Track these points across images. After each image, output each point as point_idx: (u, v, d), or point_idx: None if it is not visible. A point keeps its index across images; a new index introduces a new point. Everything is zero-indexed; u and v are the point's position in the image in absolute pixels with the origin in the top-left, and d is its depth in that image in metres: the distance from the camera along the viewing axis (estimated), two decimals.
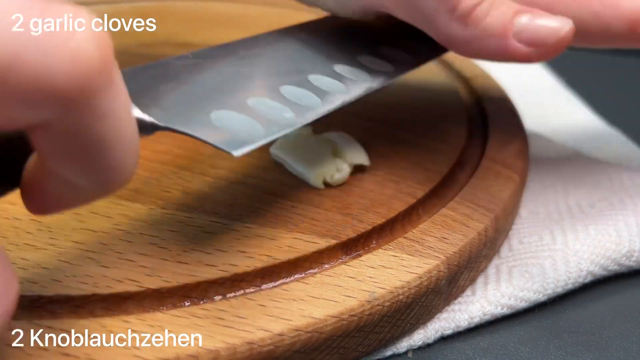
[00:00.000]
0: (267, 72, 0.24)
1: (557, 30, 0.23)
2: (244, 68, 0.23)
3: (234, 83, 0.22)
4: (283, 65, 0.25)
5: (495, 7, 0.23)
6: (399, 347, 0.23)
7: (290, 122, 0.21)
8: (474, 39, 0.24)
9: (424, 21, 0.24)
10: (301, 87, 0.23)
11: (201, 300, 0.20)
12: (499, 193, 0.27)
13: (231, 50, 0.24)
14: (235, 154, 0.18)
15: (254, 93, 0.22)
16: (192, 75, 0.22)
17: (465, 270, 0.24)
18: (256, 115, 0.20)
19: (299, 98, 0.23)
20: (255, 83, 0.23)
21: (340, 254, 0.23)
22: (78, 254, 0.21)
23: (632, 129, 0.39)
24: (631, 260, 0.26)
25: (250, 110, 0.21)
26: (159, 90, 0.20)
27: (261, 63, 0.25)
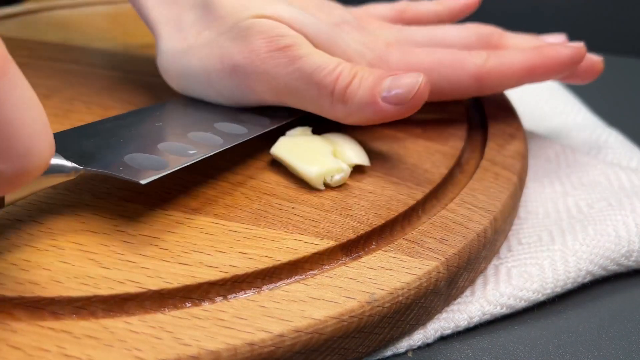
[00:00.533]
0: (177, 125, 0.28)
1: (413, 85, 0.26)
2: (157, 123, 0.27)
3: (147, 134, 0.26)
4: (191, 119, 0.28)
5: (364, 79, 0.27)
6: (399, 347, 0.23)
7: (194, 156, 0.24)
8: (354, 112, 0.27)
9: (313, 107, 0.28)
10: (207, 131, 0.27)
11: (202, 301, 0.20)
12: (498, 194, 0.27)
13: (148, 112, 0.29)
14: (142, 182, 0.21)
15: (164, 140, 0.25)
16: (112, 131, 0.26)
17: (465, 272, 0.24)
18: (163, 154, 0.24)
19: (204, 139, 0.26)
20: (167, 132, 0.26)
21: (341, 255, 0.23)
22: (79, 255, 0.21)
23: (631, 129, 0.39)
24: (630, 260, 0.27)
25: (159, 151, 0.24)
26: (82, 144, 0.24)
27: (173, 119, 0.29)
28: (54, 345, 0.18)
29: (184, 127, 0.27)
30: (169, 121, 0.28)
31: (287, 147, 0.27)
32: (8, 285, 0.20)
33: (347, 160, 0.27)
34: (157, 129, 0.27)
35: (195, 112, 0.29)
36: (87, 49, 0.41)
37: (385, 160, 0.28)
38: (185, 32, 0.29)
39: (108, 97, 0.34)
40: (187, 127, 0.27)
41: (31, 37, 0.42)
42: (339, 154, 0.27)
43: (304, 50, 0.27)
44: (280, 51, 0.27)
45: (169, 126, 0.28)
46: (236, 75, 0.28)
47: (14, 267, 0.21)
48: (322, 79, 0.27)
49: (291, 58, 0.27)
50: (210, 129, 0.27)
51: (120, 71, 0.37)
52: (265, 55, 0.27)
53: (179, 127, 0.27)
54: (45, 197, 0.24)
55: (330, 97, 0.27)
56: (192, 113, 0.29)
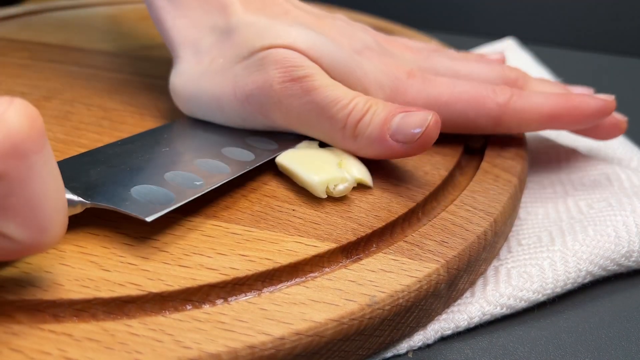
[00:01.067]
0: (184, 150, 0.28)
1: (422, 124, 0.25)
2: (164, 148, 0.27)
3: (155, 161, 0.26)
4: (198, 142, 0.28)
5: (376, 115, 0.26)
6: (399, 349, 0.23)
7: (200, 188, 0.24)
8: (364, 147, 0.27)
9: (325, 138, 0.28)
10: (214, 158, 0.26)
11: (203, 303, 0.20)
12: (498, 196, 0.27)
13: (155, 135, 0.29)
14: (148, 219, 0.21)
15: (171, 168, 0.25)
16: (120, 158, 0.26)
17: (465, 274, 0.24)
18: (170, 186, 0.24)
19: (211, 168, 0.26)
20: (174, 159, 0.26)
21: (341, 257, 0.23)
22: (80, 258, 0.21)
23: (631, 129, 0.39)
24: (630, 260, 0.27)
25: (166, 182, 0.24)
26: (89, 174, 0.24)
27: (180, 143, 0.29)
28: (54, 348, 0.18)
29: (191, 153, 0.27)
30: (176, 146, 0.28)
31: (293, 158, 0.27)
32: (9, 288, 0.20)
33: (352, 173, 0.26)
34: (165, 155, 0.27)
35: (202, 134, 0.29)
36: (87, 50, 0.41)
37: (385, 162, 0.28)
38: (201, 55, 0.29)
39: (109, 98, 0.34)
40: (195, 153, 0.27)
41: (31, 39, 0.43)
42: (344, 166, 0.27)
43: (319, 82, 0.27)
44: (295, 82, 0.27)
45: (176, 152, 0.27)
46: (248, 104, 0.28)
47: (15, 269, 0.21)
48: (335, 113, 0.27)
49: (305, 89, 0.27)
50: (217, 155, 0.27)
51: (121, 73, 0.37)
52: (279, 86, 0.27)
53: (186, 152, 0.27)
54: None
55: (342, 131, 0.27)
56: (199, 135, 0.29)
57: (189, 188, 0.24)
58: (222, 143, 0.28)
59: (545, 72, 0.48)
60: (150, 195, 0.23)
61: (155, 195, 0.23)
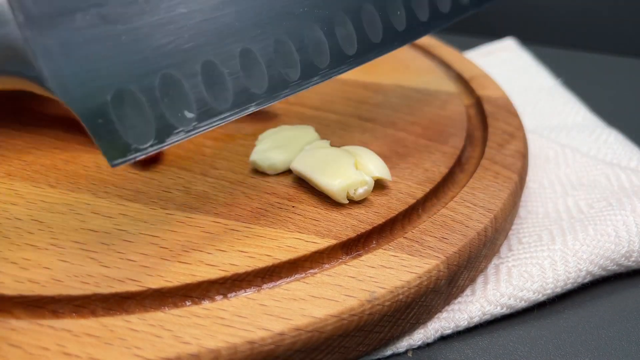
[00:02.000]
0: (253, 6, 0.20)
1: None
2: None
3: (187, 27, 0.19)
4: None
5: None
6: (399, 347, 0.23)
7: (186, 128, 0.18)
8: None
9: None
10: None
11: (202, 299, 0.20)
12: (499, 193, 0.27)
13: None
14: (112, 164, 0.17)
15: (219, 47, 0.19)
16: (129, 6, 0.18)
17: (465, 270, 0.24)
18: (193, 90, 0.18)
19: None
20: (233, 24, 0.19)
21: (341, 254, 0.23)
22: (79, 254, 0.21)
23: (631, 129, 0.39)
24: (630, 260, 0.27)
25: (188, 80, 0.18)
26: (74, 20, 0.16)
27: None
28: (54, 343, 0.18)
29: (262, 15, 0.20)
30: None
31: (307, 161, 0.26)
32: (8, 283, 0.20)
33: (369, 173, 0.25)
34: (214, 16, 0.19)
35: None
36: None
37: (386, 159, 0.28)
38: None
39: None
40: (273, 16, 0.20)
41: None
42: (361, 166, 0.26)
43: None
44: None
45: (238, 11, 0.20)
46: None
47: (14, 265, 0.21)
48: None
49: None
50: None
51: None
52: None
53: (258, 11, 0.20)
54: (45, 195, 0.24)
55: None
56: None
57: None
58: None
59: (546, 72, 0.48)
60: (141, 116, 0.17)
61: (149, 116, 0.17)
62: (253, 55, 0.20)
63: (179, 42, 0.18)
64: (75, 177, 0.26)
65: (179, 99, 0.18)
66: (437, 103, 0.34)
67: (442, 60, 0.42)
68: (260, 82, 0.20)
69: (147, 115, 0.17)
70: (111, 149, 0.17)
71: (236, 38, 0.19)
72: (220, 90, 0.19)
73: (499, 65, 0.50)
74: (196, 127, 0.18)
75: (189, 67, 0.18)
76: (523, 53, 0.52)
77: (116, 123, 0.17)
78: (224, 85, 0.19)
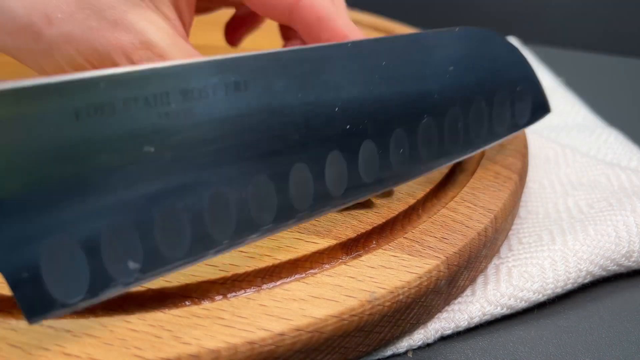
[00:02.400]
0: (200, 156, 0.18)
1: None
2: (147, 147, 0.17)
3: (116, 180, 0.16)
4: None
5: None
6: (399, 347, 0.23)
7: (130, 281, 0.16)
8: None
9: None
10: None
11: (202, 300, 0.20)
12: (499, 193, 0.27)
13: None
14: (31, 322, 0.15)
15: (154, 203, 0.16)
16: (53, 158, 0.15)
17: (465, 270, 0.24)
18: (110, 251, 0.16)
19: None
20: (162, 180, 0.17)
21: (341, 254, 0.23)
22: None
23: (631, 129, 0.39)
24: (630, 260, 0.27)
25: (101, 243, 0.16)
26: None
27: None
28: (53, 343, 0.18)
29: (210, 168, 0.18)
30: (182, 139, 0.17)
31: None
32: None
33: None
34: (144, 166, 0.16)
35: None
36: None
37: None
38: None
39: None
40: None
41: None
42: None
43: None
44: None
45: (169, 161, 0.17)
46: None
47: None
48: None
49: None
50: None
51: None
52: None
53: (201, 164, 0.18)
54: None
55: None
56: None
57: (117, 277, 0.16)
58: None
59: (546, 72, 0.48)
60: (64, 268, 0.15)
61: (69, 272, 0.15)
62: (224, 198, 0.18)
63: (138, 186, 0.16)
64: None
65: (124, 248, 0.16)
66: None
67: None
68: (226, 227, 0.18)
69: (81, 267, 0.15)
70: (33, 304, 0.15)
71: (207, 181, 0.18)
72: (176, 238, 0.17)
73: None
74: (138, 278, 0.17)
75: (145, 214, 0.16)
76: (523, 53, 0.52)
77: (44, 276, 0.15)
78: (181, 231, 0.17)
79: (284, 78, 0.19)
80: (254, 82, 0.18)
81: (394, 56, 0.22)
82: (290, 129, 0.19)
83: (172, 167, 0.17)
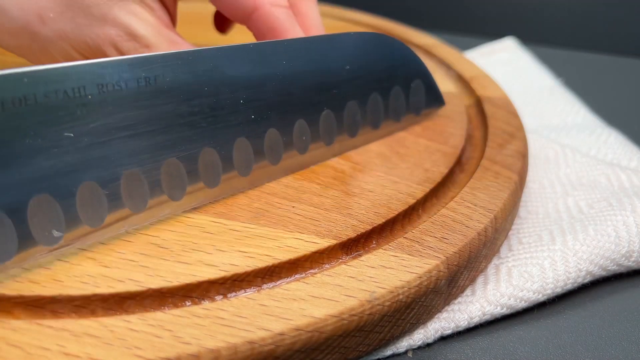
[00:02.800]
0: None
1: None
2: (67, 133, 0.19)
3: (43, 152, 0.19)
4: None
5: None
6: (399, 347, 0.23)
7: (51, 244, 0.19)
8: None
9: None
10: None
11: (202, 299, 0.20)
12: (499, 193, 0.27)
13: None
14: None
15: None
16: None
17: (465, 270, 0.24)
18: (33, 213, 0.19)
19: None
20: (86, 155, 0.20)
21: (341, 254, 0.23)
22: (79, 254, 0.21)
23: (631, 129, 0.39)
24: (630, 260, 0.27)
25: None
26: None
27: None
28: (53, 343, 0.18)
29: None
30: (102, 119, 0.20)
31: None
32: (8, 283, 0.20)
33: None
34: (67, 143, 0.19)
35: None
36: None
37: (385, 159, 0.28)
38: None
39: None
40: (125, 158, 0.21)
41: None
42: None
43: None
44: None
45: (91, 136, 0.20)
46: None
47: None
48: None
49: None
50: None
51: None
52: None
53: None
54: None
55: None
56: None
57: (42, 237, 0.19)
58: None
59: (546, 72, 0.48)
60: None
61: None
62: (137, 176, 0.21)
63: (60, 166, 0.19)
64: None
65: (48, 218, 0.19)
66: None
67: (443, 60, 0.42)
68: (139, 202, 0.21)
69: (10, 233, 0.18)
70: None
71: (121, 162, 0.21)
72: (95, 210, 0.20)
73: (499, 65, 0.50)
74: (62, 245, 0.19)
75: (66, 189, 0.19)
76: (523, 53, 0.52)
77: None
78: (100, 205, 0.20)
79: (190, 74, 0.22)
80: (163, 77, 0.21)
81: (294, 56, 0.26)
82: (197, 117, 0.22)
83: (90, 149, 0.20)
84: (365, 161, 0.28)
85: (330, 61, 0.27)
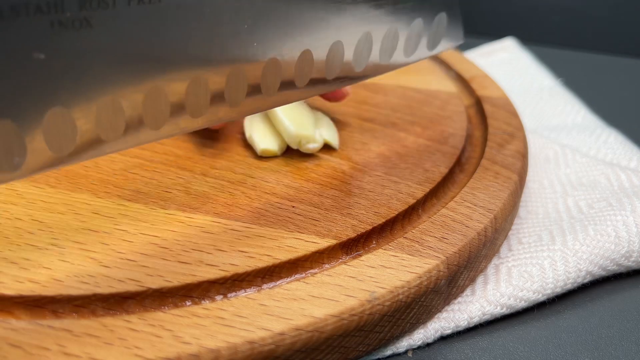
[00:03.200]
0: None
1: None
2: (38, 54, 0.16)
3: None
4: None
5: None
6: (399, 347, 0.23)
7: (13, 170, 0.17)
8: None
9: None
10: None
11: (202, 299, 0.20)
12: (499, 193, 0.27)
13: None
14: None
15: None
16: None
17: (465, 270, 0.24)
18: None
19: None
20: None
21: (341, 254, 0.23)
22: (79, 254, 0.21)
23: (630, 129, 0.39)
24: (630, 260, 0.27)
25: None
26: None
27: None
28: (54, 343, 0.18)
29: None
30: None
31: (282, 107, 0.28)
32: (8, 283, 0.20)
33: (320, 135, 0.28)
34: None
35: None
36: None
37: (385, 159, 0.28)
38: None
39: None
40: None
41: None
42: (318, 125, 0.29)
43: None
44: None
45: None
46: None
47: (14, 265, 0.20)
48: None
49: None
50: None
51: None
52: None
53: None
54: (45, 195, 0.24)
55: None
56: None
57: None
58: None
59: (545, 72, 0.48)
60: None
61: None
62: (117, 104, 0.18)
63: (26, 91, 0.16)
64: (75, 177, 0.26)
65: (8, 146, 0.17)
66: (437, 103, 0.34)
67: (442, 60, 0.42)
68: (116, 131, 0.19)
69: None
70: None
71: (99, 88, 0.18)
72: (65, 138, 0.18)
73: (499, 65, 0.50)
74: (23, 172, 0.17)
75: (32, 116, 0.17)
76: (523, 53, 0.52)
77: None
78: (70, 133, 0.18)
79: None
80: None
81: None
82: (192, 42, 0.19)
83: (64, 74, 0.17)
84: (365, 161, 0.28)
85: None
